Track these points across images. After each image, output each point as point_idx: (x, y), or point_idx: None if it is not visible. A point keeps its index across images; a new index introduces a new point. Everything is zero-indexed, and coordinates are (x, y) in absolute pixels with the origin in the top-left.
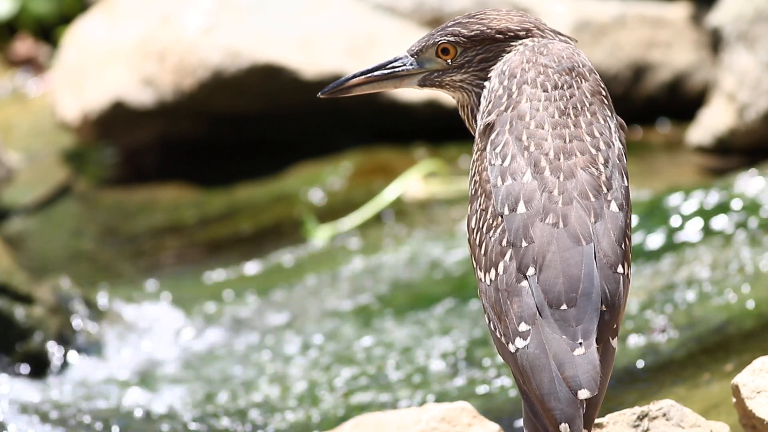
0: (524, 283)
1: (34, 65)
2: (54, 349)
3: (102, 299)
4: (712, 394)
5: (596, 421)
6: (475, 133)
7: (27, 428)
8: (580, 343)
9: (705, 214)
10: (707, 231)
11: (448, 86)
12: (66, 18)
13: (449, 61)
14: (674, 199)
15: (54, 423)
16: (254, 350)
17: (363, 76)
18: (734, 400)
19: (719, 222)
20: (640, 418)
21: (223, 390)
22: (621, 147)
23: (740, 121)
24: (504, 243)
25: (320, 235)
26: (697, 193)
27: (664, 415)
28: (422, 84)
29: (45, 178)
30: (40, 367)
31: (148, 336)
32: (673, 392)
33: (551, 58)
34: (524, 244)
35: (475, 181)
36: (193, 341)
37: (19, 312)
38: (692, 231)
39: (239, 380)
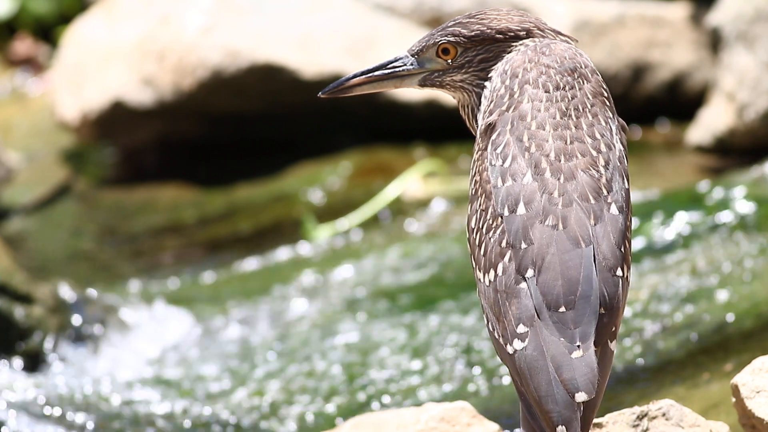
0: (523, 284)
1: (33, 65)
2: (53, 349)
3: (101, 299)
4: (712, 394)
5: (595, 420)
6: (475, 133)
7: (26, 427)
8: (578, 346)
9: (704, 213)
10: (707, 230)
11: (448, 86)
12: (65, 18)
13: (450, 61)
14: (673, 199)
15: (53, 422)
16: (253, 349)
17: (363, 76)
18: (734, 399)
19: (719, 221)
20: (640, 417)
21: (223, 389)
22: (622, 149)
23: (740, 120)
24: (503, 244)
25: (319, 235)
26: (696, 192)
27: (664, 414)
28: (423, 84)
29: (44, 178)
30: (39, 367)
31: (147, 336)
32: (673, 392)
33: (553, 58)
34: (524, 245)
35: (476, 182)
36: (192, 341)
37: (19, 312)
38: (692, 230)
39: (239, 379)
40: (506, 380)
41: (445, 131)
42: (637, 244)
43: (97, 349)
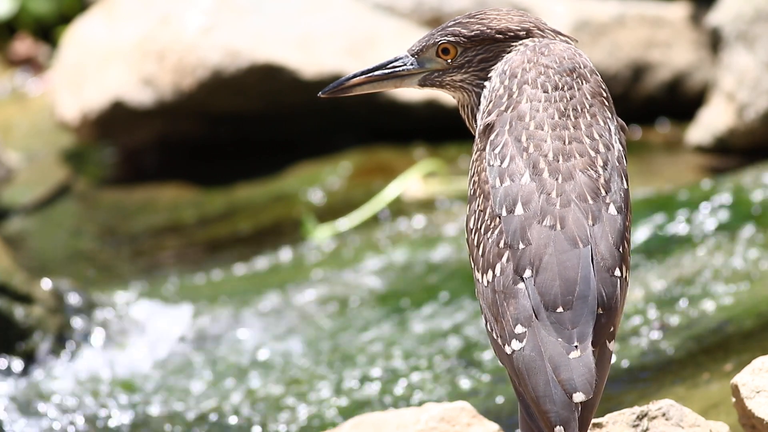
0: (521, 285)
1: (33, 65)
2: (53, 349)
3: (101, 299)
4: (712, 394)
5: (595, 420)
6: (475, 133)
7: (26, 427)
8: (576, 346)
9: (704, 213)
10: (707, 230)
11: (448, 86)
12: (65, 18)
13: (449, 61)
14: (673, 199)
15: (53, 422)
16: (252, 349)
17: (363, 76)
18: (733, 399)
19: (719, 221)
20: (640, 417)
21: (223, 389)
22: (621, 149)
23: (740, 120)
24: (501, 244)
25: (319, 235)
26: (696, 192)
27: (664, 414)
28: (423, 84)
29: (44, 178)
30: (38, 367)
31: (147, 335)
32: (673, 392)
33: (552, 58)
34: (521, 245)
35: (474, 182)
36: (192, 340)
37: (19, 312)
38: (692, 230)
39: (239, 380)
40: (506, 380)
41: (445, 131)
42: (637, 243)
43: (97, 349)
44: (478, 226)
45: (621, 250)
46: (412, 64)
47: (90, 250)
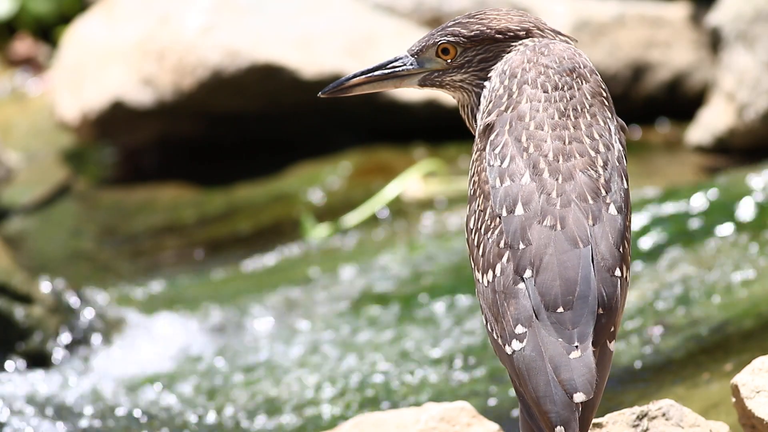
0: (521, 285)
1: (33, 65)
2: (53, 349)
3: (101, 299)
4: (712, 394)
5: (595, 420)
6: (475, 133)
7: (26, 428)
8: (576, 346)
9: (704, 213)
10: (707, 230)
11: (448, 86)
12: (65, 18)
13: (449, 61)
14: (673, 199)
15: (52, 422)
16: (253, 349)
17: (363, 76)
18: (733, 399)
19: (719, 221)
20: (640, 417)
21: (223, 389)
22: (621, 149)
23: (739, 120)
24: (502, 245)
25: (319, 235)
26: (696, 192)
27: (664, 414)
28: (422, 84)
29: (44, 178)
30: (39, 367)
31: (147, 335)
32: (673, 392)
33: (552, 58)
34: (522, 246)
35: (474, 182)
36: (192, 340)
37: (19, 312)
38: (691, 230)
39: (238, 380)
40: (506, 380)
41: (445, 131)
42: (637, 243)
43: (97, 349)
44: (478, 226)
45: (621, 250)
46: (411, 64)
47: (90, 250)
